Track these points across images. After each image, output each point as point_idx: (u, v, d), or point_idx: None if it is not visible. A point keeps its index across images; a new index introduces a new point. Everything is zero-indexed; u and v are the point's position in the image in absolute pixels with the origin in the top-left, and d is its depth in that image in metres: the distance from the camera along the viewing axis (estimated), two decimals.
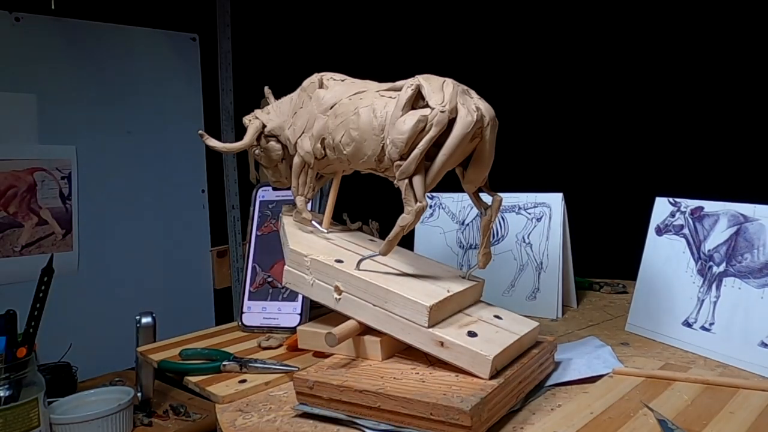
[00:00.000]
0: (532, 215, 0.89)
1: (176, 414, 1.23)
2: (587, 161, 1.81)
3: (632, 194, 1.26)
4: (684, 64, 1.65)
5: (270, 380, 0.64)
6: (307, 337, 0.64)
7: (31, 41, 1.68)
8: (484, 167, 0.57)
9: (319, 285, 0.60)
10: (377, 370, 0.55)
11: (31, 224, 1.68)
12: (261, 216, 0.85)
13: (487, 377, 0.50)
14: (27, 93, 1.68)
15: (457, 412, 0.46)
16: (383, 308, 0.55)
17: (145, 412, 1.21)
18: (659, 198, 0.77)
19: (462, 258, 0.94)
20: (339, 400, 0.52)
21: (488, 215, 0.60)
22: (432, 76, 0.57)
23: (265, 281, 0.82)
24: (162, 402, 1.27)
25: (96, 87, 1.77)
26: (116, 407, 1.10)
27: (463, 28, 2.05)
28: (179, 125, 1.94)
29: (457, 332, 0.53)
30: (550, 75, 1.90)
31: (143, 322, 1.15)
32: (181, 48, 1.97)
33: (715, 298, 0.68)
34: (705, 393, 0.58)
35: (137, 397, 1.20)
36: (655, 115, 1.73)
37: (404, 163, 0.54)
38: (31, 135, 1.67)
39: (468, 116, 0.54)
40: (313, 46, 1.98)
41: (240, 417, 0.56)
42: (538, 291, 0.87)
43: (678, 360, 0.66)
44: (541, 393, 0.58)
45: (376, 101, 0.58)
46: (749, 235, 0.66)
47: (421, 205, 0.55)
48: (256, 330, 0.80)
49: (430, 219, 0.98)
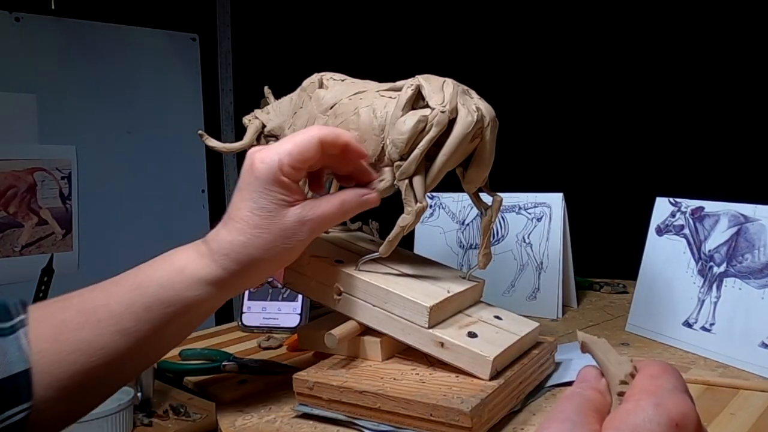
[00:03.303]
0: (532, 215, 0.89)
1: (176, 414, 1.22)
2: (587, 161, 1.81)
3: (632, 194, 1.26)
4: (684, 64, 1.65)
5: (270, 381, 0.64)
6: (307, 337, 0.64)
7: (31, 41, 1.68)
8: (484, 167, 0.57)
9: (319, 285, 0.60)
10: (377, 370, 0.54)
11: (31, 224, 1.68)
12: None
13: (487, 378, 0.50)
14: (27, 93, 1.68)
15: (458, 413, 0.46)
16: (383, 309, 0.55)
17: (145, 412, 1.21)
18: (659, 198, 0.77)
19: (462, 258, 0.94)
20: (339, 401, 0.52)
21: (488, 215, 0.60)
22: (432, 77, 0.57)
23: (264, 281, 0.82)
24: (162, 402, 1.27)
25: (96, 87, 1.77)
26: (116, 407, 1.10)
27: (463, 28, 2.05)
28: (179, 125, 1.94)
29: (457, 333, 0.53)
30: (550, 75, 1.90)
31: None
32: (181, 48, 1.97)
33: (716, 299, 0.68)
34: (705, 394, 0.58)
35: (137, 397, 1.20)
36: (655, 115, 1.73)
37: (404, 164, 0.54)
38: (31, 135, 1.67)
39: (468, 116, 0.54)
40: (313, 46, 1.98)
41: (240, 417, 0.56)
42: (538, 291, 0.87)
43: (678, 360, 0.66)
44: (541, 394, 0.58)
45: (376, 101, 0.57)
46: (750, 235, 0.66)
47: (421, 205, 0.54)
48: (256, 330, 0.80)
49: (430, 219, 0.97)
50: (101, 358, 0.46)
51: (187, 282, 0.49)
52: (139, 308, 0.48)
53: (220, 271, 0.50)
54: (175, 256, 0.51)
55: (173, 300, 0.49)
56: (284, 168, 0.50)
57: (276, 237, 0.50)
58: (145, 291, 0.48)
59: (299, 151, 0.51)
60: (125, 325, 0.47)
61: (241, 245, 0.50)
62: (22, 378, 0.43)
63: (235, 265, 0.50)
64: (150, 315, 0.48)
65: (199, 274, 0.50)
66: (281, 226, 0.50)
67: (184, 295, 0.49)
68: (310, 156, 0.51)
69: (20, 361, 0.43)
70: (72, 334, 0.46)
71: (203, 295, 0.50)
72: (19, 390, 0.43)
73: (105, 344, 0.46)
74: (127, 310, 0.47)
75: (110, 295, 0.48)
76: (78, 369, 0.46)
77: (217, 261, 0.50)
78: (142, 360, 0.51)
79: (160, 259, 0.51)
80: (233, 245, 0.50)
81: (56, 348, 0.45)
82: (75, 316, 0.47)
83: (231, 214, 0.52)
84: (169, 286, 0.49)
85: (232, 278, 0.50)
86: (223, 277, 0.50)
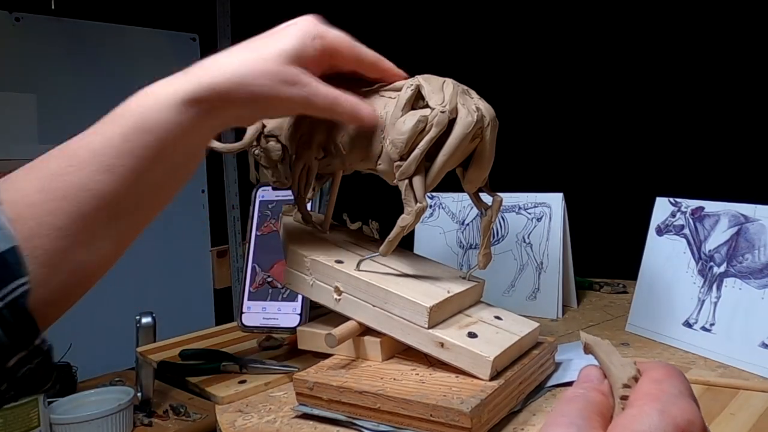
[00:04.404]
0: (532, 215, 0.89)
1: (176, 414, 1.23)
2: (587, 161, 1.82)
3: (632, 194, 1.26)
4: (684, 64, 1.65)
5: (270, 381, 0.64)
6: (306, 337, 0.63)
7: (31, 41, 1.68)
8: (484, 167, 0.57)
9: (319, 285, 0.60)
10: (377, 371, 0.54)
11: None
12: (261, 216, 0.85)
13: (487, 378, 0.50)
14: (27, 93, 1.68)
15: (457, 413, 0.46)
16: (383, 309, 0.55)
17: (145, 412, 1.21)
18: (659, 198, 0.77)
19: (462, 258, 0.94)
20: (339, 401, 0.52)
21: (488, 215, 0.60)
22: (432, 77, 0.57)
23: (264, 281, 0.82)
24: (162, 402, 1.27)
25: (96, 87, 1.77)
26: (116, 407, 1.10)
27: (463, 28, 2.05)
28: None
29: (457, 333, 0.53)
30: (550, 75, 1.90)
31: (143, 322, 1.15)
32: (181, 48, 1.97)
33: (716, 299, 0.68)
34: (705, 394, 0.58)
35: (137, 397, 1.20)
36: (655, 116, 1.73)
37: (404, 164, 0.54)
38: (31, 135, 1.67)
39: (468, 116, 0.54)
40: None
41: (240, 417, 0.56)
42: (538, 291, 0.87)
43: (678, 360, 0.66)
44: (541, 394, 0.58)
45: (376, 101, 0.57)
46: (750, 235, 0.66)
47: (421, 205, 0.54)
48: (256, 330, 0.80)
49: (430, 219, 0.97)
50: (92, 201, 0.45)
51: (159, 103, 0.47)
52: (117, 140, 0.45)
53: (192, 86, 0.47)
54: (149, 87, 0.49)
55: (149, 125, 0.46)
56: (316, 42, 0.52)
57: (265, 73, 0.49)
58: (120, 121, 0.46)
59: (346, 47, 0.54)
60: (107, 161, 0.45)
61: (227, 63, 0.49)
62: (10, 255, 0.41)
63: (211, 79, 0.48)
64: (131, 145, 0.46)
65: (171, 93, 0.47)
66: (277, 68, 0.49)
67: (159, 117, 0.46)
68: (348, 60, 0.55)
69: (4, 240, 0.42)
70: (58, 180, 0.44)
71: (180, 118, 0.47)
72: (11, 267, 0.41)
73: (92, 185, 0.45)
74: (107, 144, 0.45)
75: (88, 134, 0.47)
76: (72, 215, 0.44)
77: (190, 75, 0.48)
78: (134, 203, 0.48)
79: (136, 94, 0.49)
80: (218, 62, 0.49)
81: (46, 197, 0.44)
82: (57, 162, 0.45)
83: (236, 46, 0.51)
84: (143, 110, 0.46)
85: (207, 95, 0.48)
86: (198, 93, 0.47)
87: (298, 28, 0.52)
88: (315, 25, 0.53)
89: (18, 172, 0.46)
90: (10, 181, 0.45)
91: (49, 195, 0.44)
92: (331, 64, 0.55)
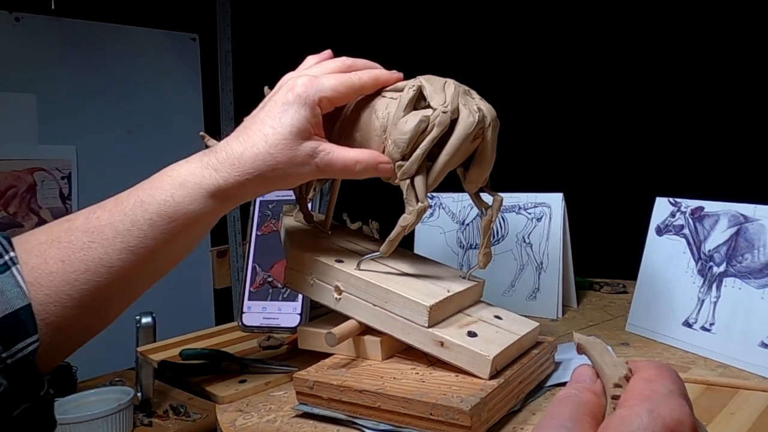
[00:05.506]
0: (532, 215, 0.89)
1: (176, 414, 1.23)
2: (587, 161, 1.82)
3: (632, 194, 1.26)
4: (684, 64, 1.66)
5: (270, 380, 0.64)
6: (307, 337, 0.64)
7: (31, 41, 1.68)
8: (485, 167, 0.57)
9: (319, 285, 0.60)
10: (377, 370, 0.55)
11: (31, 224, 1.68)
12: (261, 216, 0.85)
13: (487, 377, 0.50)
14: (27, 93, 1.68)
15: (457, 412, 0.46)
16: (383, 308, 0.55)
17: (145, 412, 1.21)
18: (659, 198, 0.77)
19: (462, 258, 0.94)
20: (339, 400, 0.52)
21: (489, 215, 0.60)
22: (433, 77, 0.57)
23: (265, 281, 0.82)
24: (162, 402, 1.27)
25: (96, 87, 1.77)
26: (116, 407, 1.10)
27: (463, 28, 2.05)
28: (179, 125, 1.94)
29: (457, 332, 0.53)
30: (550, 75, 1.90)
31: (143, 322, 1.15)
32: (181, 48, 1.97)
33: (716, 299, 0.68)
34: (705, 393, 0.58)
35: (137, 397, 1.20)
36: (655, 116, 1.73)
37: (406, 164, 0.54)
38: (31, 135, 1.67)
39: (470, 117, 0.54)
40: (314, 46, 1.98)
41: (240, 417, 0.56)
42: (538, 291, 0.87)
43: (678, 360, 0.66)
44: (541, 393, 0.58)
45: (378, 102, 0.58)
46: (749, 235, 0.66)
47: (422, 205, 0.55)
48: (256, 330, 0.80)
49: (431, 219, 0.98)
50: (110, 276, 0.47)
51: (189, 195, 0.50)
52: (143, 225, 0.48)
53: (222, 183, 0.51)
54: (177, 170, 0.52)
55: (176, 214, 0.49)
56: (323, 101, 0.53)
57: (285, 160, 0.52)
58: (148, 207, 0.49)
59: (343, 91, 0.54)
60: (131, 242, 0.48)
61: (252, 158, 0.51)
62: (24, 313, 0.44)
63: (239, 176, 0.51)
64: (155, 231, 0.49)
65: (201, 186, 0.50)
66: (294, 152, 0.52)
67: (186, 208, 0.50)
68: (349, 98, 0.55)
69: (19, 297, 0.44)
70: (80, 254, 0.47)
71: (205, 208, 0.51)
72: (24, 324, 0.44)
73: (113, 262, 0.47)
74: (132, 228, 0.48)
75: (114, 213, 0.49)
76: (89, 288, 0.47)
77: (220, 171, 0.51)
78: (149, 275, 0.52)
79: (161, 174, 0.52)
80: (243, 157, 0.51)
81: (65, 268, 0.46)
82: (81, 236, 0.47)
83: (249, 126, 0.53)
84: (172, 200, 0.49)
85: (233, 190, 0.51)
86: (224, 188, 0.51)
87: (297, 95, 0.53)
88: (310, 86, 0.53)
89: (39, 236, 0.48)
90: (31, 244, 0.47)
91: (70, 267, 0.46)
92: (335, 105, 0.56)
